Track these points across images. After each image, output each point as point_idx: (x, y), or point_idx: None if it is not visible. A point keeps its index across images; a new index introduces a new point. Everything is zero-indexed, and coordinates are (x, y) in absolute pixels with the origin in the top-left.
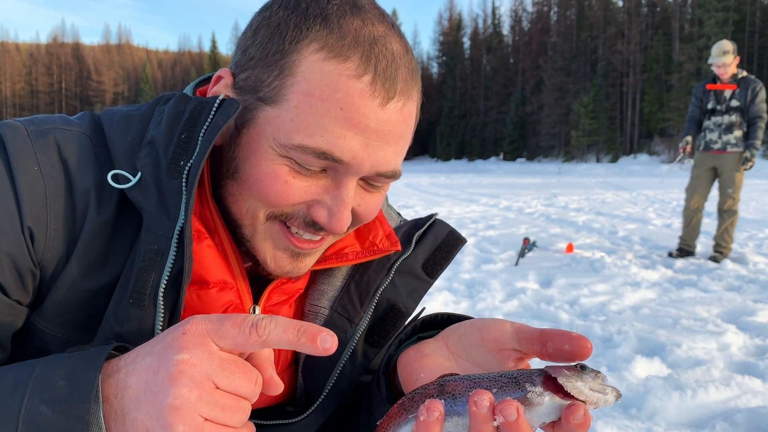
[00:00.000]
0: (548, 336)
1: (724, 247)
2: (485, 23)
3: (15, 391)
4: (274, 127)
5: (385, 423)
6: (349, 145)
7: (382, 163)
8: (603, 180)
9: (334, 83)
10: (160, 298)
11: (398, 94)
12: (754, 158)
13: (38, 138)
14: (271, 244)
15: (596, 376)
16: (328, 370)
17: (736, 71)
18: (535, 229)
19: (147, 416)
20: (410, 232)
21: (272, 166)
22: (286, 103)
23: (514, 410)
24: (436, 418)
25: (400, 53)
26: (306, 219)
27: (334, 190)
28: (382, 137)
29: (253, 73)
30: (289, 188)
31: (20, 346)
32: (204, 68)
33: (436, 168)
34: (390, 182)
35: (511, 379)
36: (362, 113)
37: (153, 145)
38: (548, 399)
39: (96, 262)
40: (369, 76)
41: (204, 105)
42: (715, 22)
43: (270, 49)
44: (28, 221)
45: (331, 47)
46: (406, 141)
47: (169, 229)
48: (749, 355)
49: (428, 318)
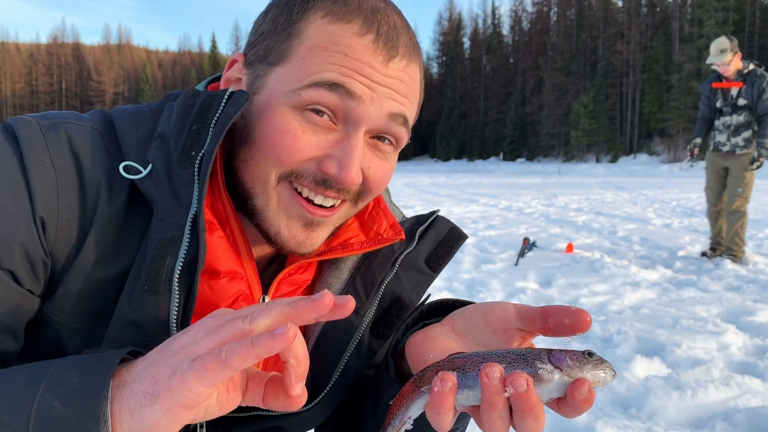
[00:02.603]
0: (548, 312)
1: (737, 250)
2: (485, 23)
3: (29, 386)
4: (283, 82)
5: (398, 401)
6: (357, 84)
7: (391, 105)
8: (603, 180)
9: (338, 38)
10: (175, 283)
11: (400, 54)
12: (763, 158)
13: (50, 131)
14: (284, 212)
15: (597, 364)
16: (335, 360)
17: (741, 66)
18: (535, 229)
19: (155, 367)
20: (413, 227)
21: (282, 121)
22: (293, 58)
23: (524, 381)
24: (450, 389)
25: (402, 25)
26: (316, 177)
27: (344, 142)
28: (389, 86)
29: (263, 44)
30: (299, 142)
31: (33, 336)
32: (204, 68)
33: (436, 168)
34: (398, 143)
35: (519, 356)
36: (367, 62)
37: (163, 137)
38: (558, 376)
39: (107, 252)
40: (372, 35)
41: (214, 97)
42: (714, 22)
43: (278, 20)
44: (40, 212)
45: (335, 12)
46: (413, 99)
47: (181, 217)
48: (749, 355)
49: (433, 304)
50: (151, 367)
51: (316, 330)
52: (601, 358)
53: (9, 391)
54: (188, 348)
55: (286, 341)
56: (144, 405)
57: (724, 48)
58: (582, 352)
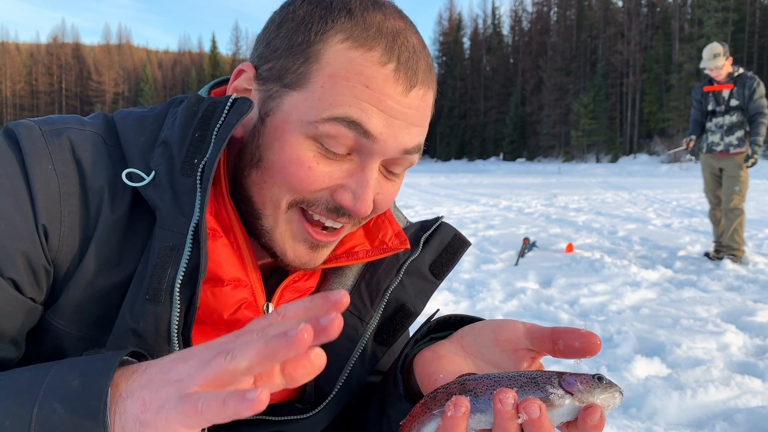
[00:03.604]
0: (558, 334)
1: (737, 249)
2: (485, 23)
3: (30, 389)
4: (300, 109)
5: (408, 423)
6: (375, 120)
7: (407, 141)
8: (603, 180)
9: (359, 67)
10: (177, 293)
11: (420, 83)
12: (757, 155)
13: (52, 137)
14: (291, 236)
15: (607, 388)
16: (340, 367)
17: (732, 70)
18: (535, 229)
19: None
20: (418, 234)
21: (297, 151)
22: (312, 86)
23: (537, 408)
24: (463, 414)
25: (420, 47)
26: (329, 205)
27: (358, 172)
28: (406, 119)
29: (278, 62)
30: (313, 174)
31: (34, 344)
32: (204, 68)
33: (436, 168)
34: (408, 166)
35: (530, 380)
36: (387, 94)
37: (167, 144)
38: (569, 401)
39: (110, 260)
40: (393, 65)
41: (217, 104)
42: (714, 22)
43: (296, 39)
44: (43, 219)
45: (356, 37)
46: (425, 128)
47: (183, 225)
48: (749, 355)
49: (441, 319)
50: (145, 389)
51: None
52: (610, 382)
53: (9, 394)
54: (181, 383)
55: (255, 409)
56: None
57: (717, 52)
58: (592, 376)
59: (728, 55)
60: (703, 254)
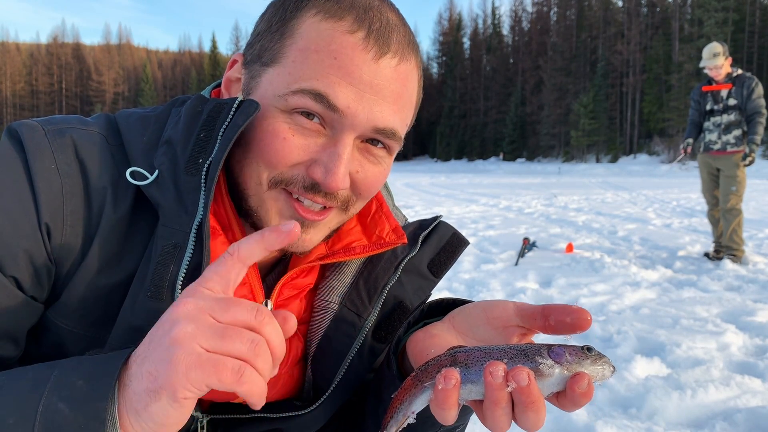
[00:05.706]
0: (550, 310)
1: (736, 249)
2: (485, 23)
3: (35, 389)
4: (274, 84)
5: (400, 395)
6: (343, 93)
7: (378, 118)
8: (603, 180)
9: (328, 37)
10: (178, 290)
11: (391, 51)
12: (754, 154)
13: (55, 137)
14: (277, 212)
15: (596, 359)
16: (337, 363)
17: (731, 70)
18: (535, 229)
19: (151, 363)
20: (416, 232)
21: (273, 123)
22: (285, 60)
23: (525, 376)
24: (453, 385)
25: (395, 22)
26: (305, 182)
27: (331, 147)
28: (376, 91)
29: (259, 44)
30: (288, 145)
31: (36, 341)
32: (204, 68)
33: (436, 168)
34: (391, 150)
35: (520, 351)
36: (355, 63)
37: (170, 144)
38: (558, 371)
39: (112, 259)
40: (362, 32)
41: (223, 106)
42: (714, 22)
43: (273, 20)
44: (45, 218)
45: (327, 10)
46: (405, 103)
47: (186, 224)
48: (749, 355)
49: (434, 303)
50: (145, 364)
51: (319, 333)
52: (599, 353)
53: (13, 393)
54: (191, 344)
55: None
56: (149, 402)
57: (717, 52)
58: (581, 347)
59: (728, 55)
60: (702, 254)
